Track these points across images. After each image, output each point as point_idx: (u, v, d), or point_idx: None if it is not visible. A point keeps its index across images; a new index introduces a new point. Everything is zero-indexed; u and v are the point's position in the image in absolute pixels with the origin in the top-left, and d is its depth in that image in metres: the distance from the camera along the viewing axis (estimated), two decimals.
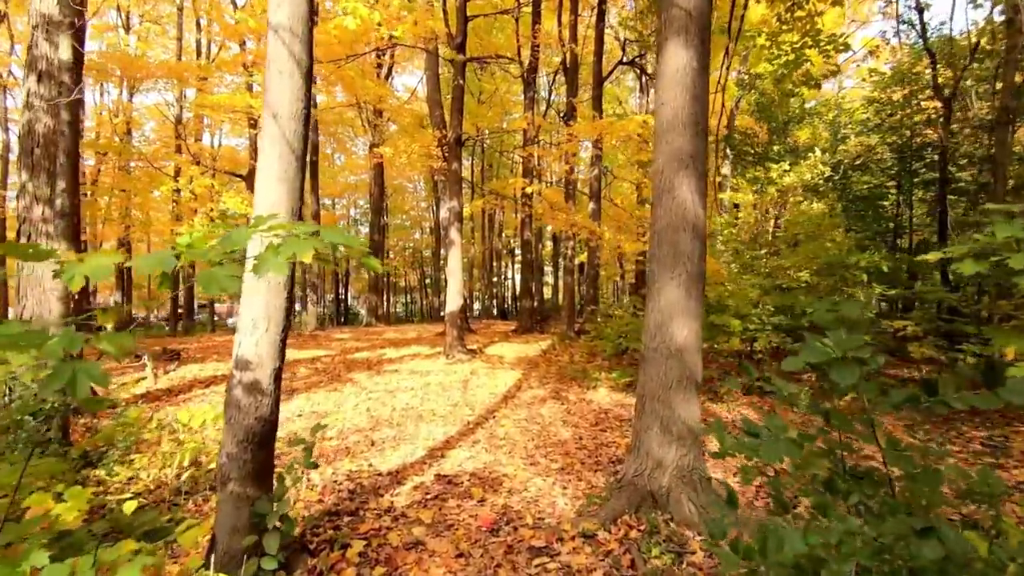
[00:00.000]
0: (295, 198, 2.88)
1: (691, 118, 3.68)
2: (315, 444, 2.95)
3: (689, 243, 3.64)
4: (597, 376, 8.33)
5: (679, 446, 3.53)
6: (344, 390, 7.94)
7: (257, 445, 2.79)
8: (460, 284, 10.28)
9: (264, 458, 2.83)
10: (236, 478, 2.75)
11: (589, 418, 6.34)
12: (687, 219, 3.64)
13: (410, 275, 35.11)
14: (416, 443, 5.41)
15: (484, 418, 6.37)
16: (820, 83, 7.81)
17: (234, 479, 2.75)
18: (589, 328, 11.25)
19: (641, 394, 3.75)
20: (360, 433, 5.72)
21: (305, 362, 10.25)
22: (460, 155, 10.48)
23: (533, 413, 6.55)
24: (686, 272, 3.62)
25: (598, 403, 7.05)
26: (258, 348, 2.78)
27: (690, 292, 3.62)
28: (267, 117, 2.84)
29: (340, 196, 29.52)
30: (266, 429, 2.82)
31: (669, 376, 3.58)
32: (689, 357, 3.60)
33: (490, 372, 9.10)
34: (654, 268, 3.75)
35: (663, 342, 3.62)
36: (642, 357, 3.80)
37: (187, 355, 10.60)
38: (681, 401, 3.57)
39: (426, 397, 7.49)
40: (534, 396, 7.44)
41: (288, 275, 2.86)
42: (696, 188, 3.67)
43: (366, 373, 9.18)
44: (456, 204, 10.23)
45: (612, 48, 18.85)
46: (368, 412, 6.65)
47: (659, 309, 3.66)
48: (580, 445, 5.29)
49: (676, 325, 3.60)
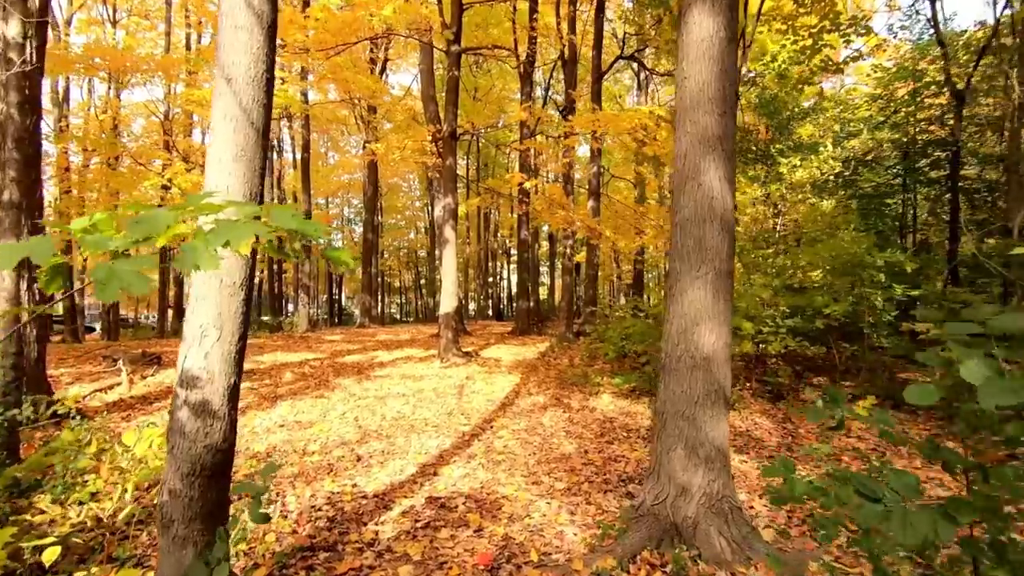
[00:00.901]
0: (255, 181, 2.37)
1: (718, 94, 3.20)
2: (267, 490, 2.43)
3: (716, 237, 3.15)
4: (599, 381, 7.84)
5: (707, 470, 3.04)
6: (332, 397, 7.41)
7: (207, 479, 2.27)
8: (455, 284, 9.78)
9: (216, 495, 2.32)
10: (181, 519, 2.23)
11: (593, 428, 5.85)
12: (714, 209, 3.15)
13: (405, 275, 34.55)
14: (407, 458, 4.90)
15: (481, 428, 5.87)
16: (842, 68, 7.35)
17: (178, 521, 2.23)
18: (589, 330, 10.76)
19: (661, 410, 3.25)
20: (345, 447, 5.19)
21: (293, 366, 9.71)
22: (455, 150, 9.97)
23: (533, 422, 6.06)
24: (713, 270, 3.13)
25: (602, 411, 6.56)
26: (208, 361, 2.26)
27: (718, 293, 3.14)
28: (220, 82, 2.33)
29: (334, 195, 28.93)
30: (219, 459, 2.31)
31: (695, 390, 3.09)
32: (717, 368, 3.11)
33: (487, 377, 8.60)
34: (676, 266, 3.26)
35: (687, 351, 3.13)
36: (662, 368, 3.31)
37: (169, 359, 10.03)
38: (709, 418, 3.08)
39: (419, 405, 6.98)
40: (534, 403, 6.95)
41: (245, 273, 2.36)
42: (724, 174, 3.19)
43: (356, 378, 8.65)
44: (451, 201, 9.72)
45: (609, 45, 18.39)
46: (356, 422, 6.13)
47: (682, 313, 3.17)
48: (586, 460, 4.79)
49: (702, 331, 3.11)
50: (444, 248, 9.76)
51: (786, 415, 6.24)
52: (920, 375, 7.89)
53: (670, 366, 3.21)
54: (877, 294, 6.50)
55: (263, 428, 5.88)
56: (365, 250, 20.71)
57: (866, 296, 6.56)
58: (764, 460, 4.83)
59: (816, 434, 5.70)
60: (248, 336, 2.47)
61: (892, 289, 6.31)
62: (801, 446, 5.34)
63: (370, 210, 20.56)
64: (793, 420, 6.12)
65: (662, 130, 7.01)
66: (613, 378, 7.93)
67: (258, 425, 6.01)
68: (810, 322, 6.58)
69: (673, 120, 3.54)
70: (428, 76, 14.16)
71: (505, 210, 28.77)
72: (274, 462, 3.49)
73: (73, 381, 7.91)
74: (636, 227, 8.64)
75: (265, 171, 2.45)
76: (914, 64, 11.95)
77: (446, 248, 9.71)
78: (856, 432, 5.72)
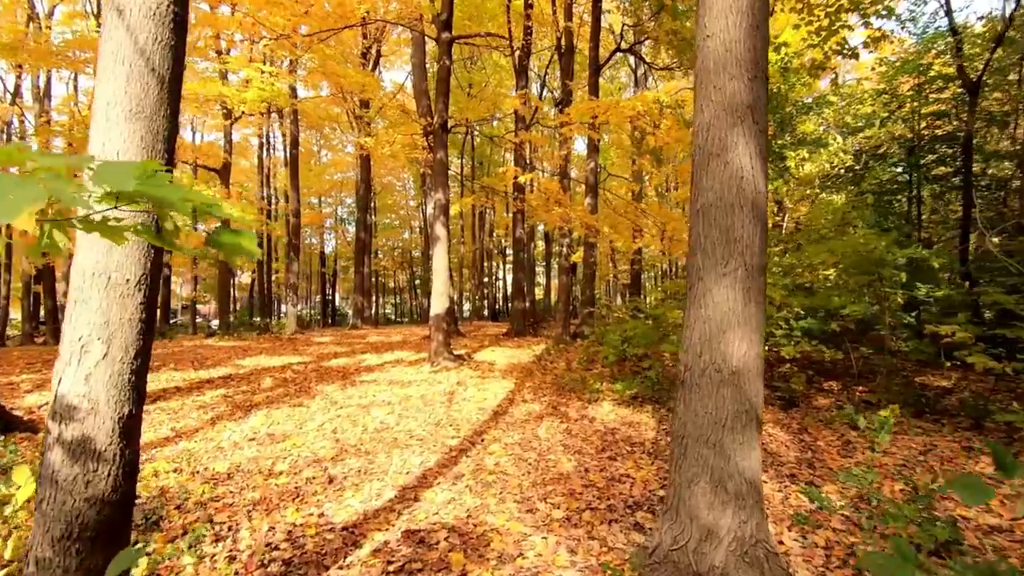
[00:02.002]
0: (158, 147, 1.78)
1: (748, 54, 2.63)
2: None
3: (747, 226, 2.58)
4: (598, 387, 7.28)
5: (737, 509, 2.47)
6: (311, 405, 6.82)
7: (89, 543, 1.68)
8: (446, 284, 9.19)
9: (104, 565, 1.73)
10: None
11: (594, 441, 5.27)
12: (744, 193, 2.59)
13: (399, 275, 33.90)
14: (385, 479, 4.31)
15: (471, 442, 5.28)
16: (857, 53, 6.82)
17: None
18: (587, 332, 10.20)
19: (680, 433, 2.68)
20: (318, 465, 4.60)
21: (274, 371, 9.10)
22: (446, 143, 9.39)
23: (528, 435, 5.48)
24: (743, 266, 2.56)
25: (602, 421, 5.99)
26: (90, 385, 1.68)
27: (748, 293, 2.57)
28: (110, 15, 1.74)
29: (326, 194, 28.26)
30: (107, 516, 1.72)
31: (722, 410, 2.52)
32: (749, 383, 2.54)
33: (479, 382, 8.02)
34: (697, 261, 2.69)
35: (712, 362, 2.56)
36: (680, 383, 2.74)
37: (154, 361, 9.39)
38: (739, 445, 2.51)
39: (404, 414, 6.40)
40: (528, 412, 6.37)
41: (144, 268, 1.77)
42: (756, 150, 2.62)
43: (340, 384, 8.05)
44: (442, 196, 9.13)
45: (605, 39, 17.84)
46: (334, 435, 5.54)
47: (706, 317, 2.60)
48: (587, 481, 4.22)
49: (731, 339, 2.54)
50: (435, 246, 9.17)
51: (802, 425, 5.69)
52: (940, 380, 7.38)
53: (691, 381, 2.64)
54: (897, 294, 5.96)
55: (230, 443, 5.28)
56: (358, 250, 20.08)
57: (885, 296, 6.03)
58: (784, 480, 4.27)
59: (838, 447, 5.15)
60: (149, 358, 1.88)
61: (916, 289, 5.77)
62: (822, 461, 4.79)
63: (363, 209, 19.94)
64: (810, 431, 5.57)
65: (666, 118, 6.46)
66: (613, 384, 7.37)
67: (226, 439, 5.41)
68: (824, 324, 6.03)
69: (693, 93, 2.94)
70: (420, 70, 13.58)
71: (500, 209, 28.19)
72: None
73: (34, 388, 7.27)
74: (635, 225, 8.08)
75: (174, 139, 1.86)
76: (919, 57, 11.46)
77: (437, 246, 9.13)
78: (882, 446, 5.17)
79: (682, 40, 11.53)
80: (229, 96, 12.35)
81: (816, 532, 3.31)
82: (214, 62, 14.23)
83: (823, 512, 3.62)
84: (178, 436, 5.55)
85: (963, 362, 5.97)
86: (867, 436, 5.49)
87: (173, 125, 1.83)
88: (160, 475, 4.27)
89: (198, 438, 5.50)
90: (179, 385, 7.79)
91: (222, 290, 14.52)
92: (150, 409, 6.53)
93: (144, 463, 4.60)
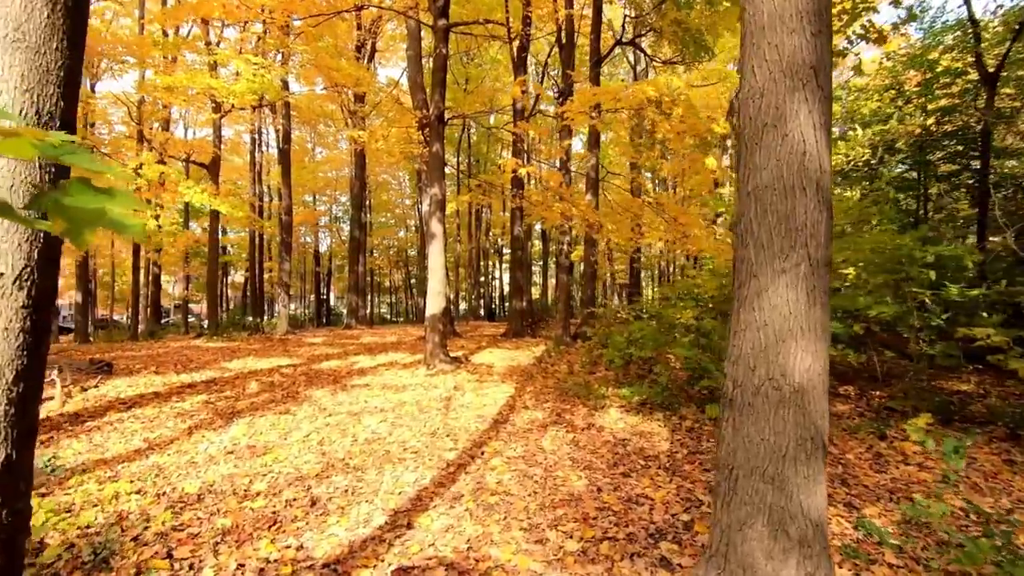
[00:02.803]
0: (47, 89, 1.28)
1: (811, 4, 2.15)
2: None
3: (812, 211, 2.11)
4: (604, 392, 6.81)
5: (802, 557, 2.00)
6: (298, 413, 6.31)
7: None
8: (442, 283, 8.69)
9: None
10: None
11: (604, 454, 4.80)
12: (807, 171, 2.11)
13: (395, 274, 33.33)
14: (375, 501, 3.82)
15: (470, 455, 4.80)
16: (885, 36, 6.39)
17: None
18: (589, 333, 9.73)
19: (728, 464, 2.20)
20: (301, 484, 4.10)
21: (262, 374, 8.57)
22: (442, 135, 8.89)
23: (532, 447, 5.00)
24: (807, 260, 2.09)
25: (611, 430, 5.51)
26: None
27: (813, 294, 2.10)
28: None
29: (321, 192, 27.65)
30: None
31: (783, 436, 2.05)
32: (814, 403, 2.07)
33: (477, 387, 7.53)
34: (748, 254, 2.21)
35: (770, 378, 2.08)
36: (727, 402, 2.26)
37: (124, 366, 8.85)
38: (803, 480, 2.04)
39: (398, 422, 5.90)
40: (531, 420, 5.89)
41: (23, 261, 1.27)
42: (820, 120, 2.15)
43: (330, 389, 7.54)
44: (438, 191, 8.63)
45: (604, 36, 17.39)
46: (320, 447, 5.04)
47: (761, 323, 2.13)
48: (600, 503, 3.74)
49: (792, 350, 2.07)
50: (431, 243, 8.67)
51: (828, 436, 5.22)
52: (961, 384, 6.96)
53: (742, 400, 2.16)
54: (926, 294, 5.52)
55: (206, 457, 4.76)
56: (352, 249, 19.54)
57: (913, 296, 5.58)
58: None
59: (869, 460, 4.70)
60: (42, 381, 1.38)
61: (946, 288, 5.33)
62: (855, 477, 4.33)
63: (357, 207, 19.39)
64: (835, 442, 5.11)
65: (679, 106, 5.98)
66: (619, 388, 6.90)
67: (201, 452, 4.89)
68: (846, 326, 5.58)
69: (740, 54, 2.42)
70: (416, 63, 13.05)
71: (497, 208, 27.70)
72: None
73: None
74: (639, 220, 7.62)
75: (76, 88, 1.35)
76: (927, 52, 11.06)
77: (433, 243, 8.62)
78: (915, 458, 4.73)
79: (686, 31, 11.07)
80: (217, 88, 11.79)
81: (871, 569, 2.85)
82: (202, 54, 13.65)
83: (872, 541, 3.17)
84: (150, 448, 5.04)
85: (988, 366, 5.56)
86: (896, 447, 5.05)
87: (72, 66, 1.33)
88: (120, 498, 3.75)
89: (172, 450, 4.98)
90: (159, 390, 7.26)
91: (211, 289, 13.96)
92: (124, 418, 6.01)
93: (105, 482, 4.09)
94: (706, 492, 3.93)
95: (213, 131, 13.81)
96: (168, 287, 34.25)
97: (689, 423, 5.65)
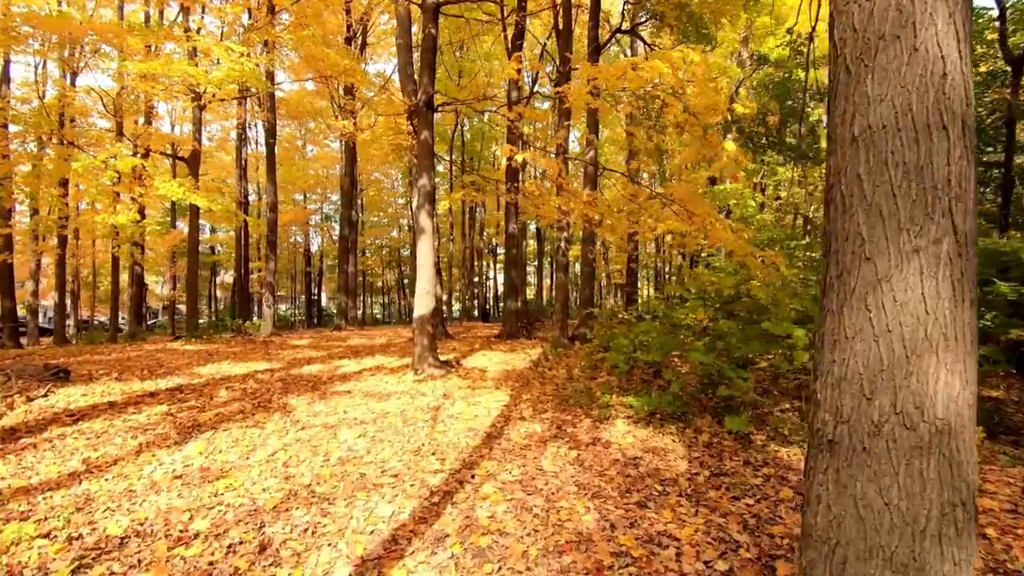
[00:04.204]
0: None
1: None
2: None
3: (956, 161, 1.40)
4: (608, 401, 6.10)
5: None
6: (267, 426, 5.55)
7: None
8: (432, 281, 7.95)
9: None
10: None
11: (614, 477, 4.08)
12: (948, 102, 1.41)
13: (388, 275, 32.49)
14: (340, 544, 3.08)
15: (458, 479, 4.06)
16: None
17: None
18: (589, 335, 9.03)
19: (827, 538, 1.48)
20: (252, 521, 3.35)
21: (235, 380, 7.79)
22: (432, 122, 8.16)
23: (531, 468, 4.27)
24: (951, 234, 1.39)
25: (619, 446, 4.80)
26: None
27: (961, 286, 1.39)
28: None
29: (311, 190, 26.80)
30: None
31: (921, 501, 1.34)
32: (965, 450, 1.36)
33: (469, 394, 6.80)
34: (855, 228, 1.49)
35: (899, 411, 1.37)
36: (822, 443, 1.54)
37: (85, 372, 8.04)
38: (952, 568, 1.33)
39: (379, 437, 5.16)
40: (529, 434, 5.17)
41: None
42: (962, 30, 1.44)
43: (307, 397, 6.79)
44: (427, 182, 7.89)
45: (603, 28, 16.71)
46: (284, 471, 4.28)
47: (881, 328, 1.41)
48: (616, 546, 3.02)
49: (934, 369, 1.36)
50: (419, 239, 7.93)
51: None
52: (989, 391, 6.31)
53: (851, 443, 1.44)
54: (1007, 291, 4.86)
55: (147, 483, 4.00)
56: (342, 248, 18.75)
57: None
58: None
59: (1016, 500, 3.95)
60: None
61: (995, 286, 4.67)
62: None
63: (347, 204, 18.60)
64: None
65: (694, 83, 5.29)
66: (624, 396, 6.20)
67: (145, 477, 4.13)
68: None
69: None
70: (406, 52, 12.30)
71: (491, 207, 26.97)
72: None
73: None
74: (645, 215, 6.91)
75: None
76: None
77: (421, 239, 7.88)
78: None
79: (689, 16, 10.39)
80: (194, 75, 10.99)
81: None
82: (181, 42, 12.84)
83: None
84: (88, 471, 4.27)
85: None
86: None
87: None
88: (20, 544, 2.99)
89: (112, 474, 4.22)
90: (115, 400, 6.47)
91: (191, 289, 13.12)
92: (67, 433, 5.23)
93: (13, 520, 3.32)
94: (741, 529, 3.22)
95: (193, 123, 12.99)
96: (156, 287, 33.24)
97: (706, 437, 4.95)
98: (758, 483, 3.94)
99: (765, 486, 3.88)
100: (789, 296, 5.51)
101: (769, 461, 4.36)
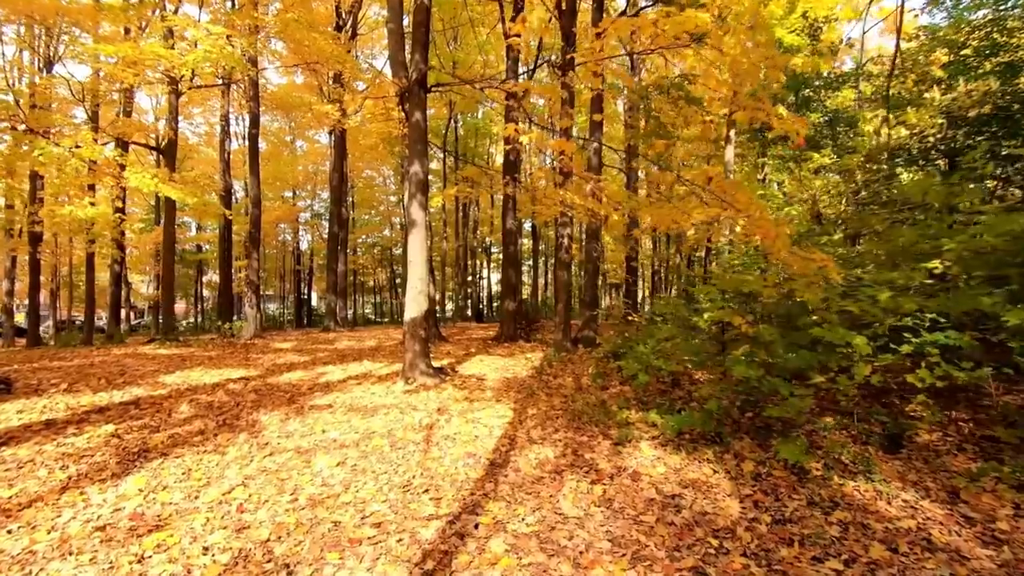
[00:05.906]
0: None
1: None
2: None
3: None
4: (626, 417, 5.21)
5: None
6: (229, 451, 4.60)
7: None
8: (424, 280, 7.02)
9: None
10: None
11: (654, 526, 3.19)
12: None
13: (380, 274, 31.41)
14: None
15: (458, 532, 3.15)
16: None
17: None
18: (596, 339, 8.14)
19: None
20: None
21: (203, 391, 6.81)
22: (424, 103, 7.25)
23: (548, 513, 3.37)
24: None
25: (650, 479, 3.91)
26: None
27: None
28: None
29: (300, 187, 25.68)
30: None
31: None
32: None
33: (467, 409, 5.88)
34: None
35: None
36: None
37: (33, 381, 7.02)
38: None
39: (360, 466, 4.24)
40: (540, 462, 4.26)
41: None
42: None
43: (282, 412, 5.83)
44: (419, 169, 6.96)
45: None
46: (239, 517, 3.35)
47: None
48: None
49: None
50: (410, 232, 6.99)
51: (953, 488, 3.68)
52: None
53: None
54: None
55: (56, 540, 3.04)
56: (331, 247, 17.74)
57: None
58: None
59: None
60: None
61: None
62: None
63: (337, 201, 17.59)
64: (965, 498, 3.57)
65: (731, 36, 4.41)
66: (646, 412, 5.31)
67: (57, 529, 3.17)
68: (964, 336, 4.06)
69: None
70: (398, 38, 11.35)
71: (485, 204, 26.04)
72: None
73: None
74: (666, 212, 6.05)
75: None
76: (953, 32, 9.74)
77: (412, 233, 6.95)
78: None
79: None
80: (166, 57, 9.96)
81: None
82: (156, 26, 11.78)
83: None
84: None
85: None
86: None
87: None
88: None
89: (18, 523, 3.26)
90: (55, 416, 5.47)
91: (166, 290, 12.06)
92: None
93: None
94: None
95: (169, 111, 11.94)
96: (142, 287, 31.91)
97: (750, 466, 4.07)
98: (836, 534, 3.07)
99: (847, 539, 3.01)
100: (839, 297, 4.66)
101: (838, 500, 3.49)
